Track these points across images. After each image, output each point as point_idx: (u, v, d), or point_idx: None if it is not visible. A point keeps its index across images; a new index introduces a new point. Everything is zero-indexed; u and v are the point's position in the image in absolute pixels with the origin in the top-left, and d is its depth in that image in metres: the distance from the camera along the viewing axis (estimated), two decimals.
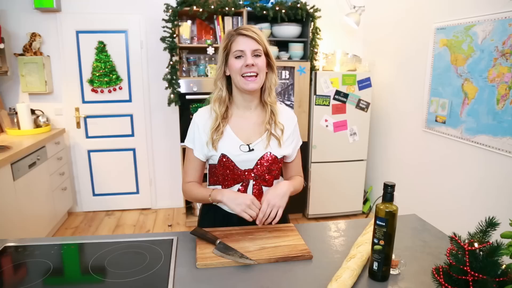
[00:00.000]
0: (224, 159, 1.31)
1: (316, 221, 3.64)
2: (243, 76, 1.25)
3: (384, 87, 3.53)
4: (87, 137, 3.64)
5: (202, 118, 1.36)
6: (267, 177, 1.36)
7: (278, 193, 1.26)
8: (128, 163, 3.78)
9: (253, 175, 1.33)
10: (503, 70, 2.15)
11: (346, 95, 3.42)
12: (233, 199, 1.25)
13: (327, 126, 3.47)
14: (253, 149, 1.32)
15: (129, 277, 1.05)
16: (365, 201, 3.84)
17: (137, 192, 3.88)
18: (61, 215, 3.37)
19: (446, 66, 2.61)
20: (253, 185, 1.35)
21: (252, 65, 1.23)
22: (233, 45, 1.25)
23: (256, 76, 1.25)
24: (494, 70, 2.21)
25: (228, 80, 1.34)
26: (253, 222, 1.38)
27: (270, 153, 1.33)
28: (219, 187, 1.38)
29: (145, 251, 1.20)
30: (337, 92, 3.39)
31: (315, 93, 3.39)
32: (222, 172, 1.35)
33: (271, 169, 1.35)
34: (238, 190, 1.35)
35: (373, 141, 3.74)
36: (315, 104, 3.40)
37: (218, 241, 1.19)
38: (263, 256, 1.13)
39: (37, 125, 3.28)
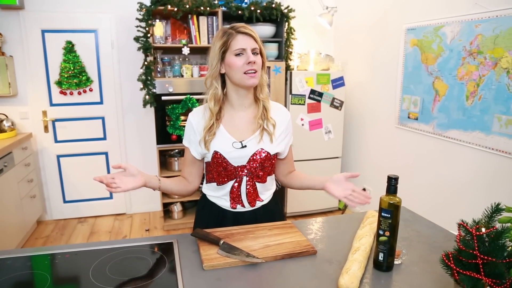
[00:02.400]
0: (217, 156, 1.32)
1: (294, 219, 3.68)
2: (244, 73, 1.25)
3: (357, 85, 3.65)
4: (56, 141, 3.47)
5: (196, 117, 1.36)
6: (260, 173, 1.37)
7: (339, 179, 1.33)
8: (101, 168, 3.65)
9: (246, 171, 1.35)
10: (471, 68, 2.29)
11: (320, 94, 3.49)
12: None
13: (303, 125, 3.53)
14: (245, 146, 1.33)
15: (136, 284, 1.01)
16: None
17: (111, 197, 3.74)
18: (30, 224, 3.18)
19: (417, 65, 2.74)
20: (247, 181, 1.36)
21: (254, 62, 1.25)
22: (233, 43, 1.25)
23: (255, 72, 1.27)
24: (462, 68, 2.35)
25: (221, 78, 1.34)
26: (249, 221, 1.40)
27: (263, 149, 1.34)
28: (215, 184, 1.39)
29: (146, 255, 1.17)
30: (312, 91, 3.46)
31: (290, 93, 3.44)
32: (216, 169, 1.36)
33: (264, 166, 1.37)
34: (232, 187, 1.36)
35: (347, 138, 3.85)
36: (291, 103, 3.45)
37: (221, 242, 1.18)
38: (269, 254, 1.14)
39: (1, 130, 3.08)
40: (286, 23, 3.36)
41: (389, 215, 1.02)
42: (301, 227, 1.37)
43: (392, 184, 1.02)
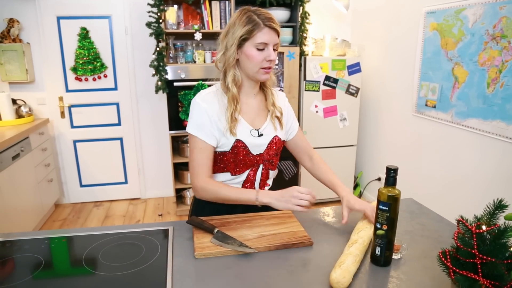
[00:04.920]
0: (239, 145, 1.27)
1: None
2: (261, 68, 1.22)
3: (374, 72, 3.52)
4: (72, 127, 3.54)
5: (210, 103, 1.26)
6: (274, 160, 1.38)
7: None
8: (116, 153, 3.70)
9: (263, 159, 1.34)
10: (493, 53, 2.15)
11: (335, 80, 3.40)
12: (279, 198, 1.18)
13: (317, 111, 3.45)
14: (262, 134, 1.31)
15: (126, 270, 1.01)
16: (355, 186, 3.87)
17: (126, 182, 3.81)
18: (48, 207, 3.28)
19: (436, 50, 2.60)
20: (262, 169, 1.36)
21: (274, 60, 1.22)
22: (258, 35, 1.18)
23: (271, 69, 1.25)
24: (484, 53, 2.21)
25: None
26: (247, 209, 1.34)
27: (277, 136, 1.34)
28: (228, 174, 1.32)
29: (140, 242, 1.16)
30: (327, 78, 3.37)
31: (304, 79, 3.36)
32: (234, 158, 1.30)
33: (277, 152, 1.38)
34: (248, 175, 1.34)
35: (363, 126, 3.75)
36: (305, 90, 3.37)
37: (216, 230, 1.16)
38: (263, 244, 1.11)
39: (19, 116, 3.16)
40: (301, 7, 3.26)
41: (387, 208, 0.96)
42: (302, 217, 1.33)
43: (391, 175, 0.97)
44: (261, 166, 1.35)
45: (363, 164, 3.87)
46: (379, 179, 3.56)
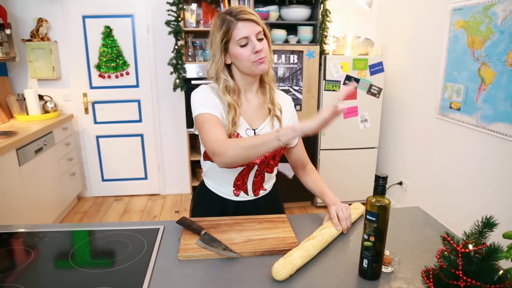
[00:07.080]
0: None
1: (325, 209, 3.56)
2: (253, 62, 1.18)
3: (397, 71, 3.38)
4: (95, 122, 3.65)
5: (210, 92, 1.24)
6: (271, 162, 1.33)
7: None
8: (136, 149, 3.78)
9: (259, 160, 1.29)
10: None
11: (357, 80, 3.29)
12: (308, 123, 1.01)
13: None
14: (258, 135, 1.27)
15: (107, 267, 1.01)
16: None
17: (146, 178, 3.88)
18: (70, 200, 3.40)
19: (463, 50, 2.45)
20: (256, 170, 1.32)
21: (261, 50, 1.17)
22: (235, 33, 1.15)
23: (264, 57, 1.19)
24: None
25: (227, 67, 1.27)
26: (250, 210, 1.35)
27: None
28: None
29: (129, 240, 1.16)
30: (348, 77, 3.27)
31: (324, 78, 3.27)
32: None
33: (275, 155, 1.32)
34: (240, 172, 1.31)
35: (384, 128, 3.61)
36: (325, 90, 3.29)
37: (203, 232, 1.14)
38: (248, 249, 1.08)
39: (45, 111, 3.29)
40: (322, 5, 3.17)
41: (374, 219, 0.90)
42: (298, 222, 1.29)
43: (380, 184, 0.90)
44: (255, 167, 1.31)
45: (384, 167, 3.73)
46: (400, 183, 3.42)
